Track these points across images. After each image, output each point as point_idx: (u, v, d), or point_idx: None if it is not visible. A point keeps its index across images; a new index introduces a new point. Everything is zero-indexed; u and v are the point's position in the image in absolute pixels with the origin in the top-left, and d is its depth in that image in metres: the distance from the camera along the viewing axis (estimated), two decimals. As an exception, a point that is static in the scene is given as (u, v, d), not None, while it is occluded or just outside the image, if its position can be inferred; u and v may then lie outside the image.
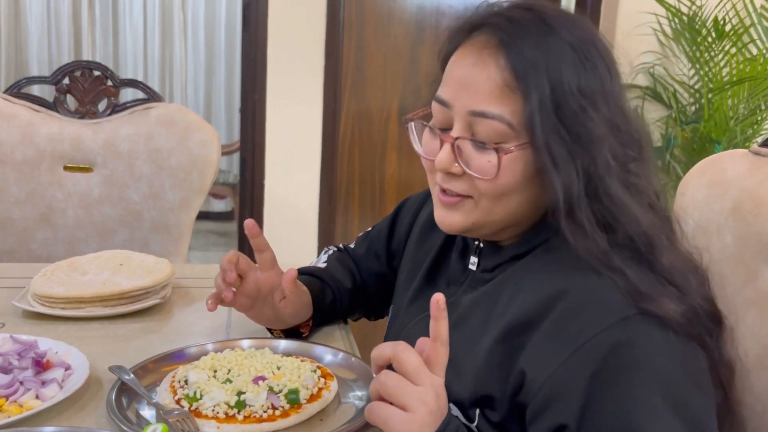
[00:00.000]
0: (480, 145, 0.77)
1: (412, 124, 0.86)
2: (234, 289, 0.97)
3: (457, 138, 0.78)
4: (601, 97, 0.76)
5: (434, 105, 0.82)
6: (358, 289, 1.17)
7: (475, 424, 0.78)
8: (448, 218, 0.83)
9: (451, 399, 0.76)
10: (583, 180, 0.74)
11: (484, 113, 0.76)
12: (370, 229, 1.21)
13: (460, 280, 0.90)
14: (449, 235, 0.95)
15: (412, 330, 0.91)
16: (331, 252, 1.21)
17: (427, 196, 1.08)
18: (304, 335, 1.08)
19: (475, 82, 0.77)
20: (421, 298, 0.95)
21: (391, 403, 0.68)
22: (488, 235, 0.85)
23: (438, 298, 0.67)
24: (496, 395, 0.76)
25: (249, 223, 0.94)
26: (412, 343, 0.70)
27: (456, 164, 0.79)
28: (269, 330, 1.08)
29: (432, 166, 0.82)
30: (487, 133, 0.76)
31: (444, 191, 0.82)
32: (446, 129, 0.81)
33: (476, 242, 0.89)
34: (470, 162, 0.78)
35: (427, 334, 0.69)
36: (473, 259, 0.89)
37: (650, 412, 0.66)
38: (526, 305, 0.76)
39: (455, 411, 0.80)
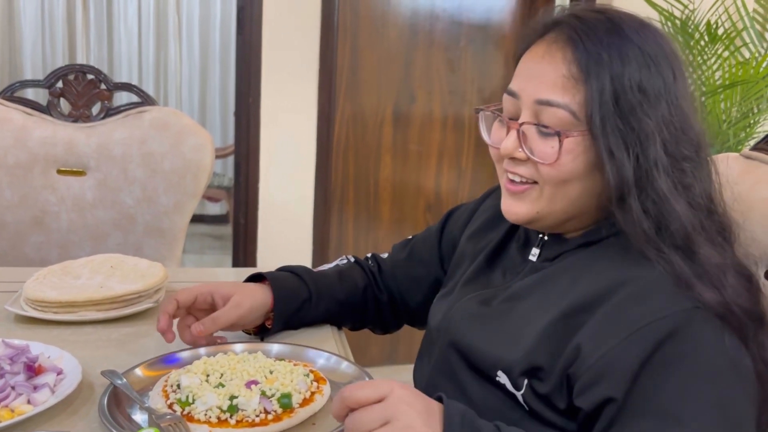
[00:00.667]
0: (544, 131, 0.82)
1: (482, 114, 0.91)
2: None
3: (522, 124, 0.83)
4: (662, 96, 0.80)
5: (504, 97, 0.87)
6: (355, 302, 1.16)
7: (521, 392, 0.81)
8: (514, 207, 0.87)
9: (501, 366, 0.83)
10: (634, 170, 0.78)
11: (549, 101, 0.81)
12: (410, 237, 1.22)
13: (517, 269, 0.93)
14: (510, 229, 0.99)
15: (463, 305, 0.95)
16: (344, 262, 1.21)
17: (481, 200, 1.12)
18: (270, 329, 1.08)
19: (543, 73, 0.82)
20: (475, 281, 0.98)
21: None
22: (552, 227, 0.88)
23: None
24: (546, 367, 0.79)
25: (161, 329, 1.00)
26: (460, 317, 0.83)
27: (520, 149, 0.83)
28: (244, 331, 1.09)
29: (499, 155, 0.87)
30: (551, 120, 0.81)
31: (511, 180, 0.87)
32: (515, 119, 0.86)
33: (540, 235, 0.92)
34: (534, 148, 0.83)
35: (475, 311, 0.84)
36: (534, 251, 0.92)
37: (694, 403, 0.69)
38: (590, 288, 0.80)
39: (503, 379, 0.83)
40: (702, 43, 2.54)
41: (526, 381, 0.81)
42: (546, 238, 0.91)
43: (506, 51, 2.89)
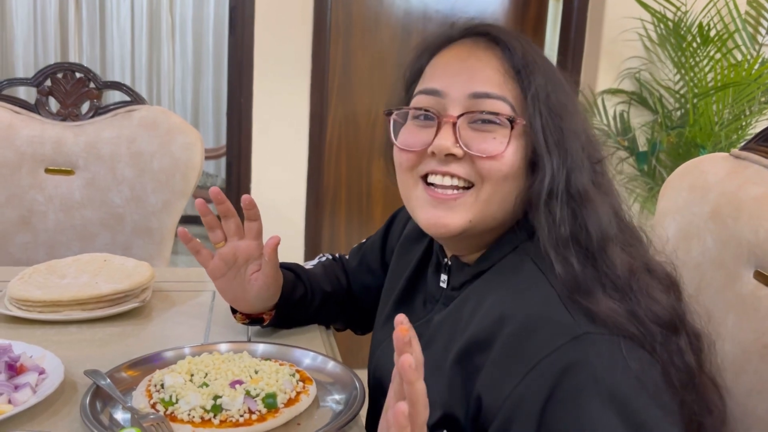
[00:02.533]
0: (482, 125, 0.78)
1: (392, 118, 0.86)
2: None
3: (460, 116, 0.79)
4: (577, 107, 0.83)
5: (420, 98, 0.82)
6: (340, 298, 1.16)
7: None
8: (445, 218, 0.80)
9: None
10: (564, 169, 0.78)
11: (488, 94, 0.79)
12: (364, 240, 1.20)
13: (435, 297, 0.90)
14: (425, 250, 0.95)
15: (388, 347, 0.88)
16: (323, 259, 1.21)
17: None
18: (265, 324, 1.07)
19: (473, 69, 0.80)
20: (399, 312, 0.94)
21: None
22: (474, 238, 0.83)
23: (398, 331, 0.59)
24: (460, 417, 0.76)
25: (246, 198, 0.97)
26: (386, 360, 0.68)
27: (457, 145, 0.78)
28: (232, 313, 1.07)
29: (413, 161, 0.82)
30: (492, 111, 0.79)
31: (432, 188, 0.80)
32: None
33: (445, 260, 0.89)
34: (471, 143, 0.78)
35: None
36: (443, 277, 0.89)
37: (607, 430, 0.65)
38: (480, 326, 0.76)
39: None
40: (694, 45, 2.54)
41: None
42: (449, 263, 0.87)
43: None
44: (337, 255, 1.23)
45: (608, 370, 0.67)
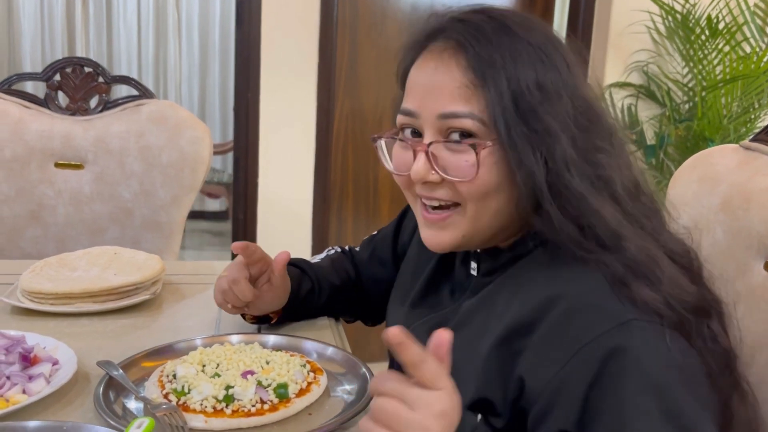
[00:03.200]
0: (455, 146, 0.77)
1: (382, 142, 0.85)
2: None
3: (430, 144, 0.78)
4: (561, 90, 0.76)
5: (400, 119, 0.82)
6: (349, 290, 1.16)
7: (476, 428, 0.76)
8: (436, 238, 0.81)
9: None
10: (546, 174, 0.74)
11: (455, 113, 0.76)
12: (375, 233, 1.20)
13: (464, 286, 0.89)
14: None
15: (413, 333, 0.89)
16: (332, 252, 1.21)
17: None
18: (272, 321, 1.08)
19: (440, 86, 0.77)
20: (424, 302, 0.95)
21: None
22: (481, 244, 0.84)
23: (390, 335, 0.61)
24: (496, 400, 0.76)
25: (237, 247, 0.98)
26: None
27: (432, 172, 0.78)
28: (242, 315, 1.08)
29: (407, 182, 0.82)
30: (460, 132, 0.76)
31: (427, 208, 0.81)
32: (418, 139, 0.81)
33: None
34: (447, 167, 0.77)
35: (427, 338, 0.65)
36: (473, 264, 0.88)
37: (644, 419, 0.66)
38: (523, 309, 0.75)
39: None
40: (703, 37, 2.53)
41: (479, 416, 0.76)
42: (479, 250, 0.87)
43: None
44: (346, 247, 1.23)
45: (652, 358, 0.68)
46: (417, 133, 0.80)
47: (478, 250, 0.87)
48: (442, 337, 0.62)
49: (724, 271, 0.94)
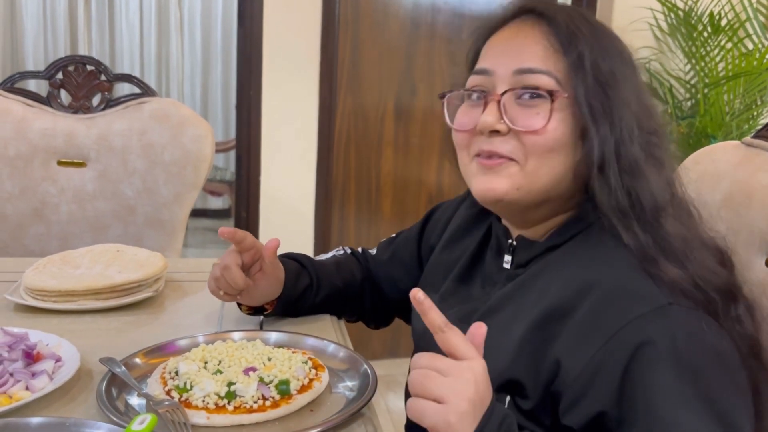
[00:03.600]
0: (531, 96, 0.80)
1: (446, 100, 0.88)
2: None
3: (504, 93, 0.81)
4: (631, 83, 0.82)
5: (472, 78, 0.85)
6: (352, 292, 1.16)
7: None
8: (490, 183, 0.82)
9: None
10: (613, 139, 0.78)
11: (532, 69, 0.80)
12: (394, 235, 1.21)
13: (494, 279, 0.91)
14: (484, 237, 0.96)
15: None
16: (340, 253, 1.21)
17: (460, 202, 1.09)
18: (267, 313, 1.09)
19: (519, 46, 0.82)
20: (455, 295, 0.96)
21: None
22: (527, 209, 0.84)
23: (414, 295, 0.69)
24: (527, 382, 0.77)
25: (224, 232, 1.00)
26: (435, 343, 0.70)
27: (502, 121, 0.80)
28: (237, 305, 1.10)
29: (467, 139, 0.84)
30: (536, 86, 0.80)
31: (484, 155, 0.83)
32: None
33: (510, 241, 0.90)
34: (516, 119, 0.80)
35: (457, 326, 0.69)
36: (507, 258, 0.89)
37: (681, 402, 0.67)
38: (561, 294, 0.77)
39: None
40: (705, 34, 2.53)
41: (508, 398, 0.78)
42: (515, 243, 0.89)
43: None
44: (359, 249, 1.23)
45: (688, 343, 0.70)
46: (480, 98, 0.84)
47: (514, 243, 0.88)
48: (479, 328, 0.69)
49: (725, 268, 0.94)
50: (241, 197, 2.76)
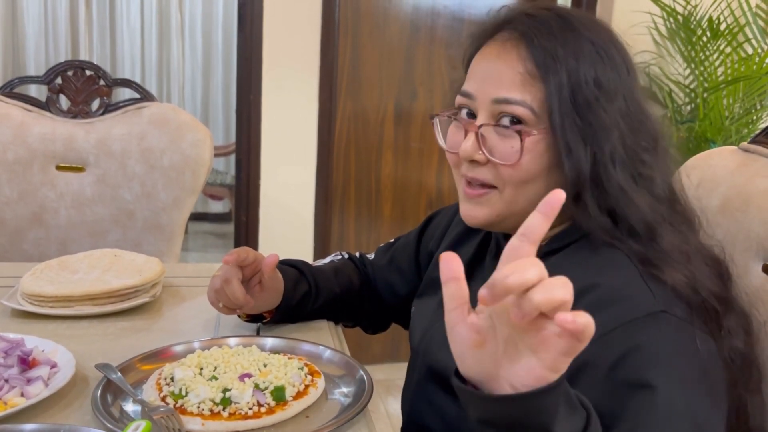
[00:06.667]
0: (503, 131, 0.80)
1: (437, 120, 0.90)
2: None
3: (481, 126, 0.82)
4: (617, 90, 0.80)
5: (459, 99, 0.86)
6: (350, 298, 1.16)
7: None
8: (472, 211, 0.85)
9: None
10: (591, 166, 0.78)
11: (508, 99, 0.80)
12: (393, 240, 1.21)
13: None
14: (483, 240, 0.97)
15: (441, 327, 0.89)
16: (338, 258, 1.21)
17: (456, 212, 1.09)
18: (265, 321, 1.09)
19: (498, 72, 0.81)
20: None
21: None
22: (514, 228, 0.84)
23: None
24: None
25: (228, 260, 0.99)
26: (442, 340, 0.67)
27: (480, 152, 0.82)
28: (238, 315, 1.10)
29: (457, 160, 0.86)
30: (511, 118, 0.80)
31: (469, 184, 0.85)
32: (472, 120, 0.85)
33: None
34: (494, 150, 0.81)
35: None
36: None
37: (662, 410, 0.67)
38: None
39: None
40: (704, 39, 2.52)
41: None
42: None
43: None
44: (357, 254, 1.23)
45: (676, 352, 0.70)
46: (472, 115, 0.84)
47: None
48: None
49: (722, 274, 0.94)
50: (241, 201, 2.76)
